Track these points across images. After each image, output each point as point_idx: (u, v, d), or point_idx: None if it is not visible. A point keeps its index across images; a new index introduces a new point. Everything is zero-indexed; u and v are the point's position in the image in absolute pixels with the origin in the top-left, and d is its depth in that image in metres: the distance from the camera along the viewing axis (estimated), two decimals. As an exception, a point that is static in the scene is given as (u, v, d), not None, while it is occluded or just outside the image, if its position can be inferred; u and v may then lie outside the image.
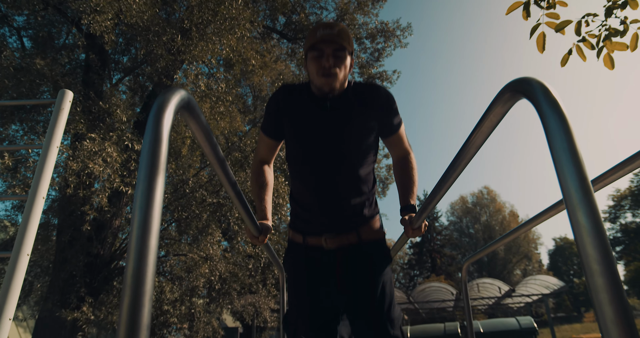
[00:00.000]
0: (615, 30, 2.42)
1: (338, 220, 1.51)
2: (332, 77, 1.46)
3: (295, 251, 1.60)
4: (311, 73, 1.51)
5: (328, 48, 1.45)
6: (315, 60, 1.47)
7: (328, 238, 1.50)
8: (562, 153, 0.61)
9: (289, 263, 1.62)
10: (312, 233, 1.54)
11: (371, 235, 1.54)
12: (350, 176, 1.52)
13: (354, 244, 1.51)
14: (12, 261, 1.77)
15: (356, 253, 1.51)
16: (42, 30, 7.57)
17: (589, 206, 0.57)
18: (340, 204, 1.51)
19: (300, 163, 1.57)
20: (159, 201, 0.59)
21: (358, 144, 1.52)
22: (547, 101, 0.66)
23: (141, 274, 0.54)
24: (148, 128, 0.64)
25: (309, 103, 1.54)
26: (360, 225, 1.53)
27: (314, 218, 1.53)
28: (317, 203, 1.52)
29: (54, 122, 2.08)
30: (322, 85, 1.48)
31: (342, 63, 1.48)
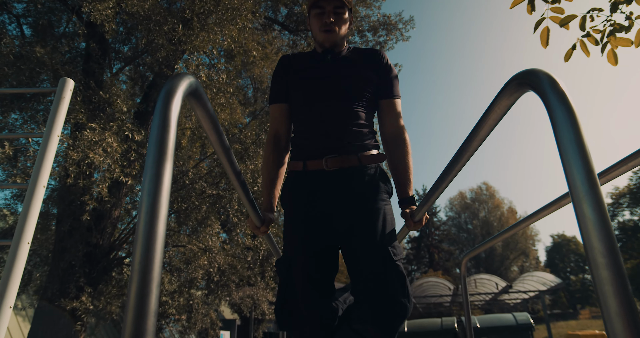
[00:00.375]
0: (620, 25, 2.40)
1: (339, 143, 1.52)
2: (333, 32, 1.60)
3: (294, 179, 1.58)
4: (313, 30, 1.66)
5: (329, 5, 1.59)
6: (317, 17, 1.61)
7: (329, 158, 1.49)
8: (569, 145, 0.61)
9: (288, 193, 1.59)
10: (312, 156, 1.53)
11: (371, 160, 1.55)
12: (351, 111, 1.57)
13: (355, 166, 1.51)
14: (12, 249, 1.78)
15: (357, 174, 1.51)
16: (42, 18, 7.51)
17: (595, 199, 0.57)
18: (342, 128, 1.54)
19: (305, 108, 1.62)
20: (167, 186, 0.59)
21: (358, 88, 1.60)
22: (554, 93, 0.66)
23: (149, 260, 0.54)
24: (156, 113, 0.64)
25: (312, 59, 1.68)
26: (360, 150, 1.54)
27: (316, 142, 1.55)
28: (320, 129, 1.55)
29: (55, 111, 2.07)
30: (324, 40, 1.62)
31: (342, 19, 1.63)
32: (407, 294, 1.37)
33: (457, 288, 19.55)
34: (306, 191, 1.52)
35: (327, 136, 1.54)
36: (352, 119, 1.56)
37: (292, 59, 1.72)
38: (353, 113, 1.57)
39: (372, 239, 1.40)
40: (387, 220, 1.46)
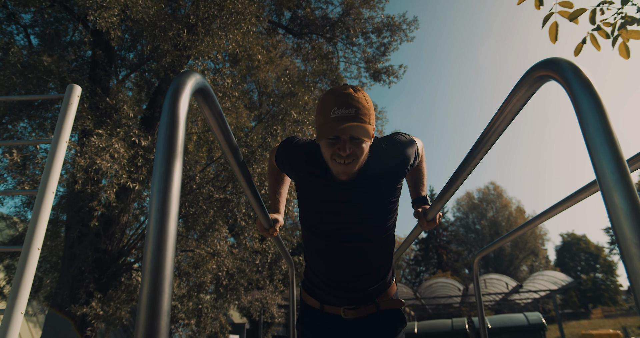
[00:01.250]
0: (631, 18, 2.36)
1: (358, 294, 1.49)
2: (350, 165, 1.26)
3: (311, 316, 1.57)
4: (325, 155, 1.30)
5: (346, 134, 1.20)
6: (329, 144, 1.25)
7: (347, 309, 1.47)
8: (596, 134, 0.59)
9: (305, 327, 1.58)
10: (329, 302, 1.51)
11: (389, 305, 1.52)
12: (371, 256, 1.46)
13: (372, 314, 1.50)
14: (22, 255, 1.77)
15: (374, 322, 1.50)
16: (49, 27, 7.59)
17: (626, 188, 0.55)
18: (360, 282, 1.48)
19: (316, 236, 1.48)
20: (177, 184, 0.57)
21: (380, 213, 1.42)
22: (578, 81, 0.63)
23: (160, 259, 0.52)
24: (164, 111, 0.62)
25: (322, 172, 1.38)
26: (378, 295, 1.52)
27: (333, 289, 1.49)
28: (336, 283, 1.48)
29: (63, 117, 2.07)
30: (337, 173, 1.30)
31: (362, 147, 1.25)
32: None
33: (466, 288, 19.39)
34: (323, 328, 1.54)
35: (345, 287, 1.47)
36: (374, 261, 1.48)
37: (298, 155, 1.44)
38: (374, 255, 1.47)
39: None
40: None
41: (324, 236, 1.44)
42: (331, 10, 10.78)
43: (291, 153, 1.45)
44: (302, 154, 1.42)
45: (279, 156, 1.51)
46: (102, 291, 6.94)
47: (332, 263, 1.46)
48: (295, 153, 1.44)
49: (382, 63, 11.14)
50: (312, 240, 1.49)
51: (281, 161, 1.51)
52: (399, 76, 11.05)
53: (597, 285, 41.38)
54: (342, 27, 10.67)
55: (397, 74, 11.05)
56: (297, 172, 1.44)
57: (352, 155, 1.23)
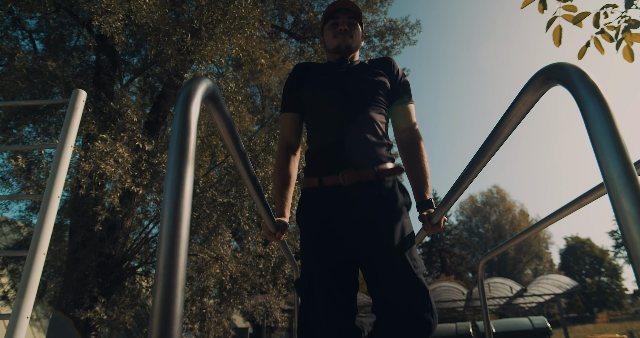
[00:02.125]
0: (635, 21, 2.36)
1: (355, 156, 1.49)
2: (347, 36, 1.68)
3: (309, 196, 1.54)
4: (327, 39, 1.74)
5: (343, 16, 1.70)
6: (332, 27, 1.71)
7: (346, 173, 1.45)
8: (604, 139, 0.59)
9: (303, 210, 1.54)
10: (328, 172, 1.49)
11: (389, 173, 1.51)
12: (366, 120, 1.56)
13: (372, 180, 1.47)
14: (28, 260, 1.78)
15: (375, 188, 1.46)
16: (54, 32, 7.65)
17: (635, 192, 0.55)
18: (358, 140, 1.51)
19: (319, 117, 1.62)
20: (189, 188, 0.58)
21: (373, 95, 1.61)
22: (585, 86, 0.64)
23: (173, 264, 0.53)
24: (176, 117, 0.63)
25: (326, 68, 1.71)
26: (377, 163, 1.50)
27: (332, 156, 1.51)
28: (336, 142, 1.52)
29: (68, 122, 2.09)
30: (339, 43, 1.68)
31: (355, 28, 1.72)
32: (430, 309, 1.30)
33: (470, 292, 19.31)
34: (323, 207, 1.48)
35: (342, 148, 1.50)
36: (368, 128, 1.54)
37: (306, 67, 1.74)
38: (369, 121, 1.55)
39: (391, 253, 1.35)
40: (407, 233, 1.42)
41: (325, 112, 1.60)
42: (334, 15, 10.82)
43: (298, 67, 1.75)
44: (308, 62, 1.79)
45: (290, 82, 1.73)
46: (105, 296, 6.95)
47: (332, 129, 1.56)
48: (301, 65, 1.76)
49: (384, 67, 11.14)
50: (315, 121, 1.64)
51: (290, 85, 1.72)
52: (401, 80, 11.04)
53: (602, 288, 41.09)
54: (345, 31, 10.68)
55: (400, 77, 11.05)
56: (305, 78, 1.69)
57: (348, 31, 1.69)
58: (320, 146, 1.57)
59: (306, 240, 1.49)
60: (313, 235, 1.46)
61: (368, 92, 1.61)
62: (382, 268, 1.34)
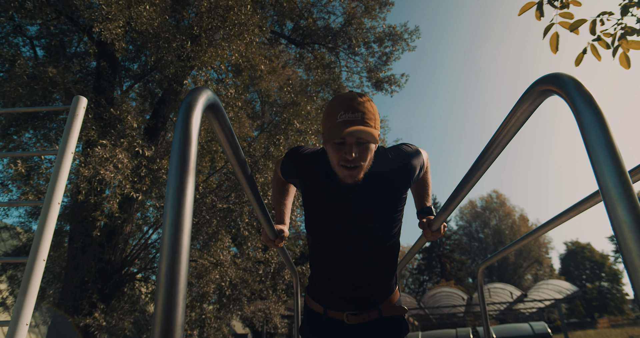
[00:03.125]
0: (631, 28, 2.39)
1: (361, 300, 1.50)
2: (356, 170, 1.29)
3: (315, 320, 1.57)
4: (331, 160, 1.34)
5: (351, 137, 1.24)
6: (336, 149, 1.28)
7: (350, 314, 1.49)
8: (599, 148, 0.60)
9: (308, 331, 1.59)
10: (333, 307, 1.52)
11: (392, 312, 1.53)
12: (375, 262, 1.47)
13: (375, 319, 1.51)
14: (28, 266, 1.78)
15: (377, 328, 1.51)
16: (54, 39, 7.69)
17: (630, 201, 0.56)
18: (363, 288, 1.49)
19: (321, 242, 1.50)
20: (190, 198, 0.58)
21: (385, 221, 1.43)
22: (580, 96, 0.65)
23: (175, 273, 0.54)
24: (177, 127, 0.64)
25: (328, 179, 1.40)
26: (381, 302, 1.52)
27: (337, 294, 1.50)
28: (339, 285, 1.49)
29: (69, 128, 2.09)
30: (344, 177, 1.33)
31: (367, 151, 1.29)
32: None
33: (470, 298, 19.24)
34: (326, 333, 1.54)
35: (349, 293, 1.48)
36: (377, 266, 1.48)
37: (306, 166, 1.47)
38: (379, 261, 1.48)
39: None
40: None
41: (329, 243, 1.46)
42: (333, 21, 10.90)
43: (298, 162, 1.48)
44: (308, 162, 1.46)
45: (285, 166, 1.54)
46: (105, 302, 6.93)
47: (336, 269, 1.47)
48: (302, 161, 1.47)
49: (384, 72, 11.21)
50: (318, 247, 1.51)
51: (288, 171, 1.54)
52: (400, 85, 11.11)
53: (602, 293, 40.96)
54: (344, 37, 10.77)
55: (399, 83, 11.11)
56: (304, 180, 1.46)
57: (358, 160, 1.27)
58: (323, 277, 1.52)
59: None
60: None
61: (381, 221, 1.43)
62: None
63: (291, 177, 1.55)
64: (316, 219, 1.48)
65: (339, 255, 1.45)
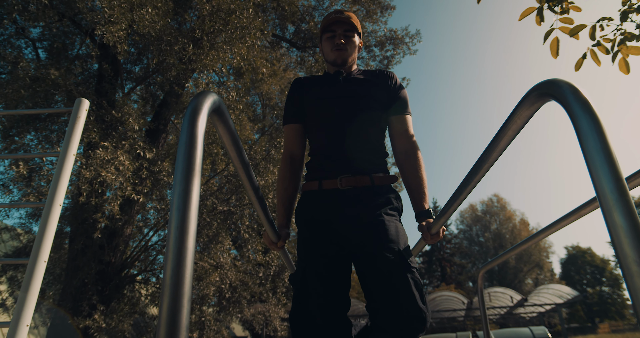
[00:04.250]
0: (630, 34, 2.40)
1: (353, 164, 1.58)
2: (344, 50, 1.71)
3: (309, 198, 1.62)
4: (325, 51, 1.77)
5: (339, 28, 1.72)
6: (329, 39, 1.73)
7: (343, 178, 1.55)
8: (596, 154, 0.61)
9: (303, 210, 1.62)
10: (327, 176, 1.59)
11: (383, 180, 1.60)
12: (363, 131, 1.63)
13: (368, 185, 1.56)
14: (29, 267, 1.79)
15: (370, 194, 1.56)
16: (57, 41, 7.72)
17: (626, 207, 0.57)
18: (355, 150, 1.60)
19: (318, 127, 1.68)
20: (195, 201, 0.60)
21: (369, 109, 1.65)
22: (577, 102, 0.66)
23: (180, 275, 0.55)
24: (183, 131, 0.65)
25: (324, 79, 1.76)
26: (372, 172, 1.59)
27: (330, 163, 1.61)
28: (334, 150, 1.61)
29: (71, 130, 2.10)
30: (335, 57, 1.72)
31: (352, 41, 1.74)
32: (425, 302, 1.36)
33: (471, 302, 19.19)
34: (321, 206, 1.56)
35: (341, 158, 1.60)
36: (365, 140, 1.63)
37: (305, 80, 1.81)
38: (365, 133, 1.63)
39: (387, 248, 1.40)
40: (400, 231, 1.49)
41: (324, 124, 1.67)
42: (334, 24, 10.92)
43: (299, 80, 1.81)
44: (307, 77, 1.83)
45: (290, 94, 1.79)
46: (104, 304, 6.92)
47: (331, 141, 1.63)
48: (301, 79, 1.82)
49: (385, 76, 11.21)
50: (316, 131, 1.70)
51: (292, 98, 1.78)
52: (402, 89, 11.11)
53: (603, 298, 40.84)
54: (345, 41, 10.78)
55: (400, 86, 11.12)
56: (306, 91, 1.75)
57: (345, 44, 1.71)
58: (320, 154, 1.66)
59: (303, 237, 1.56)
60: (310, 230, 1.54)
61: (364, 104, 1.66)
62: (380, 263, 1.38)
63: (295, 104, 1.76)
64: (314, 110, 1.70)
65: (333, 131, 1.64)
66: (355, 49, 1.78)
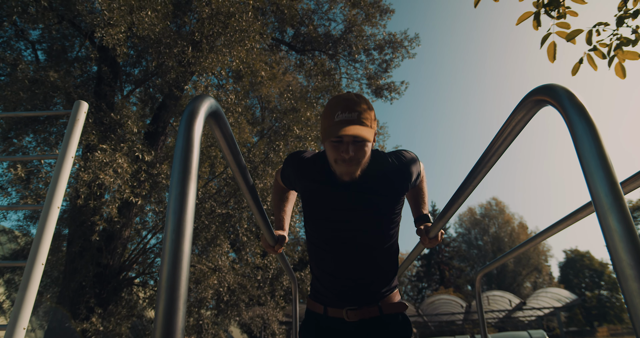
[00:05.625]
0: (626, 39, 2.42)
1: (361, 295, 1.49)
2: (353, 167, 1.35)
3: (315, 321, 1.56)
4: (329, 158, 1.39)
5: (348, 136, 1.30)
6: (334, 147, 1.33)
7: (350, 311, 1.47)
8: (591, 158, 0.61)
9: (307, 332, 1.57)
10: (333, 305, 1.51)
11: (392, 309, 1.51)
12: (374, 258, 1.49)
13: (375, 317, 1.49)
14: (26, 270, 1.78)
15: (378, 325, 1.48)
16: (56, 43, 7.73)
17: (621, 211, 0.57)
18: (363, 285, 1.49)
19: (320, 240, 1.53)
20: (191, 205, 0.60)
21: (383, 221, 1.47)
22: (573, 107, 0.66)
23: (176, 279, 0.55)
24: (179, 135, 0.66)
25: (328, 179, 1.46)
26: (381, 299, 1.51)
27: (336, 290, 1.50)
28: (339, 283, 1.50)
29: (69, 133, 2.10)
30: (341, 174, 1.37)
31: (363, 150, 1.34)
32: None
33: (469, 305, 19.16)
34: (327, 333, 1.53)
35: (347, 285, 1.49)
36: (376, 264, 1.50)
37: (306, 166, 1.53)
38: (377, 257, 1.50)
39: None
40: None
41: (328, 242, 1.49)
42: (334, 28, 10.97)
43: (298, 163, 1.53)
44: (308, 163, 1.52)
45: (285, 171, 1.59)
46: (102, 307, 6.90)
47: (335, 266, 1.49)
48: (301, 163, 1.53)
49: (383, 79, 11.27)
50: (317, 246, 1.53)
51: (287, 174, 1.58)
52: (400, 92, 11.16)
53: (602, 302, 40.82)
54: (345, 44, 10.83)
55: (399, 90, 11.17)
56: (304, 181, 1.51)
57: (355, 158, 1.33)
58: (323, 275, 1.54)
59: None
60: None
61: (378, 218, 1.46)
62: None
63: (291, 181, 1.58)
64: (316, 219, 1.51)
65: (338, 253, 1.47)
66: (368, 155, 1.38)
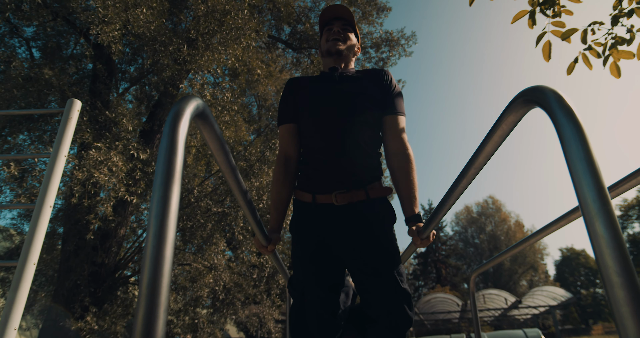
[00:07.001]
0: (621, 38, 2.42)
1: (348, 178, 1.56)
2: (340, 41, 1.74)
3: (304, 211, 1.61)
4: (322, 44, 1.81)
5: (337, 23, 1.79)
6: (327, 32, 1.79)
7: (339, 194, 1.53)
8: (579, 162, 0.61)
9: (298, 223, 1.62)
10: (322, 191, 1.57)
11: (378, 193, 1.58)
12: (359, 133, 1.60)
13: (363, 200, 1.55)
14: (18, 270, 1.77)
15: (365, 208, 1.54)
16: (51, 40, 7.67)
17: (607, 216, 0.57)
18: (350, 162, 1.57)
19: (312, 127, 1.65)
20: (174, 209, 0.59)
21: (364, 109, 1.62)
22: (561, 110, 0.66)
23: (156, 284, 0.54)
24: (164, 136, 0.65)
25: (319, 79, 1.75)
26: (367, 184, 1.57)
27: (325, 176, 1.58)
28: (328, 159, 1.58)
29: (62, 131, 2.09)
30: (329, 47, 1.74)
31: (348, 36, 1.78)
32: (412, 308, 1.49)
33: (465, 304, 19.23)
34: (317, 223, 1.56)
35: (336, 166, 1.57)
36: (361, 143, 1.60)
37: (299, 80, 1.80)
38: (361, 135, 1.60)
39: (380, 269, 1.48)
40: (394, 248, 1.54)
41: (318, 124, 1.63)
42: (330, 26, 10.92)
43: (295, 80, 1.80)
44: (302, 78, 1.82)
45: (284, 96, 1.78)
46: (97, 306, 6.87)
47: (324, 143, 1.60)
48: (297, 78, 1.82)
49: (380, 78, 11.22)
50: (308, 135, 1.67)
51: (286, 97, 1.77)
52: (397, 91, 11.13)
53: (597, 300, 41.06)
54: (341, 43, 10.78)
55: (396, 88, 11.14)
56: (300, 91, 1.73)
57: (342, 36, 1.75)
58: (313, 159, 1.63)
59: (300, 252, 1.58)
60: (306, 248, 1.56)
61: (360, 103, 1.63)
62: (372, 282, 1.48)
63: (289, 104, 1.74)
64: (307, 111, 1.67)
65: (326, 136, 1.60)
66: (351, 45, 1.78)
